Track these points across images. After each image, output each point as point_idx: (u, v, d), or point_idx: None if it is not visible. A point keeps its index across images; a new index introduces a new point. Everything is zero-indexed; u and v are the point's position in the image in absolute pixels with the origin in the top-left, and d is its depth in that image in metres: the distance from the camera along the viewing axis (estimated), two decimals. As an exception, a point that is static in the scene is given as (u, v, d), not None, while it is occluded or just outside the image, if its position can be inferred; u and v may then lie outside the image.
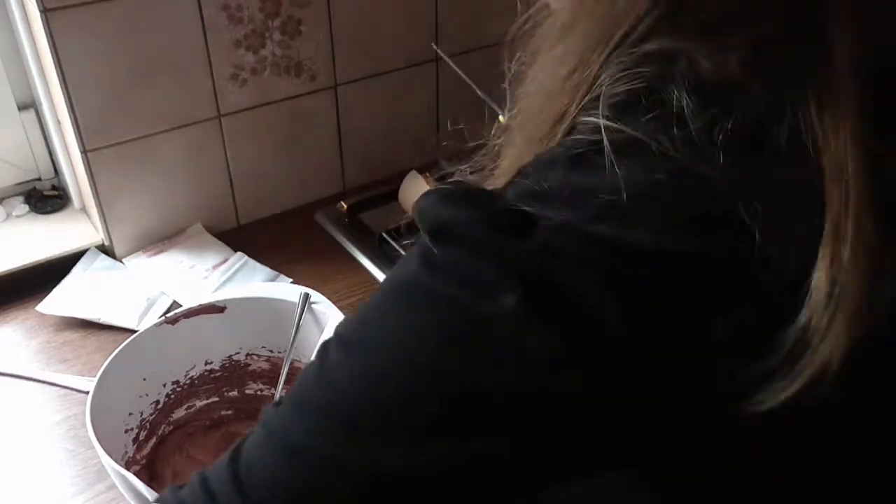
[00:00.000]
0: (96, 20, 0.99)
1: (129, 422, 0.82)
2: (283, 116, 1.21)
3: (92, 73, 1.02)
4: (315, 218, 1.27)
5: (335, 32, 1.20)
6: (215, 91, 1.13)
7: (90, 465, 0.86)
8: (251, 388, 0.92)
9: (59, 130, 1.13)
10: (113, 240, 1.15)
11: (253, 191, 1.24)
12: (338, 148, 1.30)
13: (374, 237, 1.19)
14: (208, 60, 1.10)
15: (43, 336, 1.04)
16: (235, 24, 1.10)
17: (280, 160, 1.24)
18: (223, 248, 1.19)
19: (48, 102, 1.10)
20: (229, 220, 1.24)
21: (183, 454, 0.85)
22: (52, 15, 0.96)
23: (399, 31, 1.26)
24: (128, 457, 0.81)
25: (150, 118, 1.09)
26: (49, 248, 1.13)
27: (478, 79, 1.38)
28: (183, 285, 1.11)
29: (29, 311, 1.07)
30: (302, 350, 0.87)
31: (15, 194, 1.22)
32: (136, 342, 0.82)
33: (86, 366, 0.99)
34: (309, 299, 0.86)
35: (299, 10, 1.15)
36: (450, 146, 0.92)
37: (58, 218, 1.20)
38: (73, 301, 1.07)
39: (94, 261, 1.14)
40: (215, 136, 1.16)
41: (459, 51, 1.34)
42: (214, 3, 1.07)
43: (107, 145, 1.08)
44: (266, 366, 0.91)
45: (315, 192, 1.30)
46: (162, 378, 0.86)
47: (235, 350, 0.90)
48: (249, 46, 1.13)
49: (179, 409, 0.88)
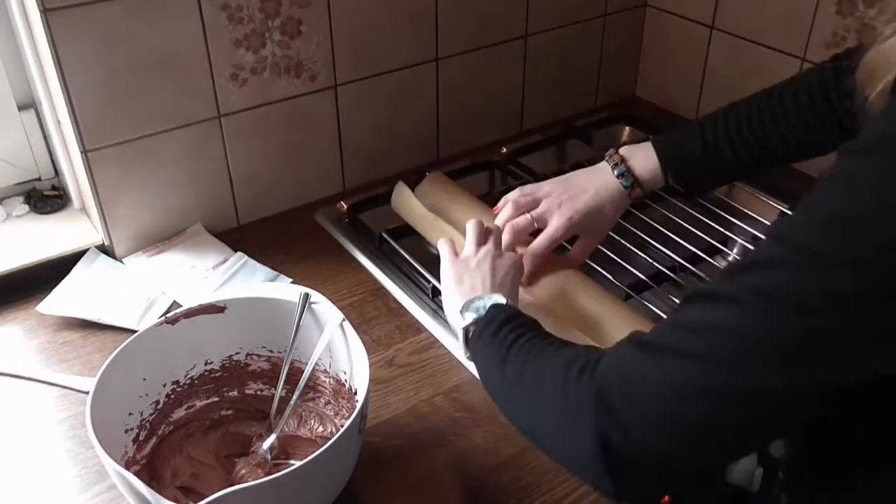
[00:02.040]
0: (96, 20, 0.99)
1: (129, 422, 0.82)
2: (283, 116, 1.21)
3: (92, 73, 1.02)
4: (315, 218, 1.27)
5: (335, 32, 1.20)
6: (215, 91, 1.13)
7: (90, 465, 0.86)
8: (251, 388, 0.92)
9: (59, 130, 1.13)
10: (113, 240, 1.15)
11: (253, 191, 1.24)
12: (338, 148, 1.30)
13: (374, 237, 1.19)
14: (208, 60, 1.10)
15: (43, 336, 1.04)
16: (235, 24, 1.10)
17: (280, 160, 1.24)
18: (223, 248, 1.19)
19: (48, 102, 1.10)
20: (229, 220, 1.24)
21: (183, 454, 0.85)
22: (52, 15, 0.96)
23: (399, 31, 1.26)
24: (128, 457, 0.81)
25: (150, 118, 1.09)
26: (49, 248, 1.13)
27: (478, 79, 1.38)
28: (183, 285, 1.11)
29: (29, 311, 1.07)
30: (302, 350, 0.87)
31: (15, 194, 1.22)
32: (136, 342, 0.82)
33: (86, 366, 0.99)
34: (309, 299, 0.86)
35: (299, 10, 1.15)
36: (450, 146, 0.92)
37: (58, 218, 1.20)
38: (73, 301, 1.07)
39: (94, 261, 1.14)
40: (215, 136, 1.16)
41: (459, 51, 1.34)
42: (214, 3, 1.07)
43: (107, 145, 1.08)
44: (266, 366, 0.91)
45: (315, 192, 1.30)
46: (162, 378, 0.86)
47: (235, 350, 0.90)
48: (249, 46, 1.13)
49: (179, 409, 0.88)
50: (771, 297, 0.52)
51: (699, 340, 0.55)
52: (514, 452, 0.88)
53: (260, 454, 0.84)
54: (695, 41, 1.47)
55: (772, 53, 1.35)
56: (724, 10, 1.40)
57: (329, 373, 0.88)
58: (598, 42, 1.52)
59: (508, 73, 1.43)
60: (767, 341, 0.52)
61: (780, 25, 1.32)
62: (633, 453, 0.58)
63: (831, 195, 0.52)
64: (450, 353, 1.01)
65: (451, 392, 0.95)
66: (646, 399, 0.57)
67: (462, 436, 0.90)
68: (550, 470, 0.86)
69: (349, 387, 0.86)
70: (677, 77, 1.53)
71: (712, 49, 1.45)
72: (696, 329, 0.56)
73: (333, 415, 0.89)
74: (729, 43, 1.41)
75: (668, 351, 0.57)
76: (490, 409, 0.93)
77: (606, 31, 1.51)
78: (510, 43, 1.39)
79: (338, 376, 0.87)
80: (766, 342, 0.52)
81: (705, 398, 0.55)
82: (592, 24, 1.49)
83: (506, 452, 0.88)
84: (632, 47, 1.58)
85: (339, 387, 0.87)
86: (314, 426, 0.88)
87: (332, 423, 0.88)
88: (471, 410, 0.93)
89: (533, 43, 1.42)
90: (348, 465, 0.79)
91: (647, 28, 1.56)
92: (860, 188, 0.50)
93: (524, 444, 0.89)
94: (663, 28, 1.53)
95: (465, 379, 0.97)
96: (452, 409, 0.93)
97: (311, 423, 0.89)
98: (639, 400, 0.58)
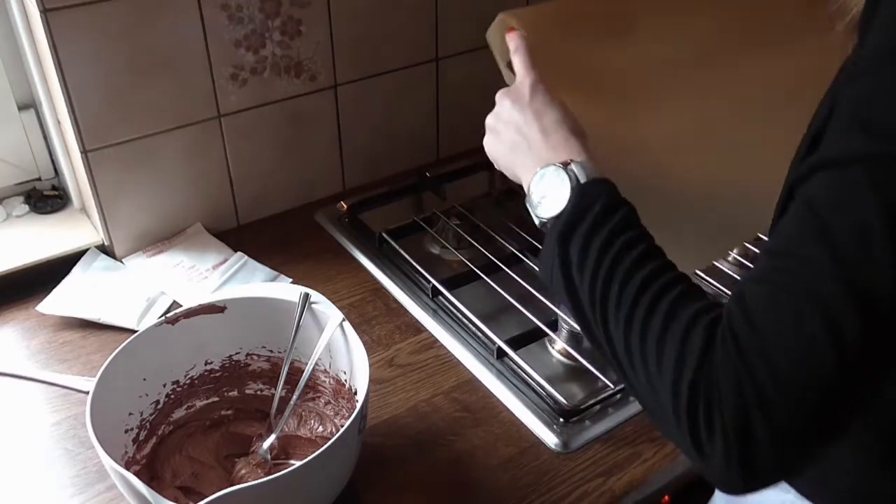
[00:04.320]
0: (96, 20, 0.99)
1: (129, 422, 0.82)
2: (283, 116, 1.21)
3: (92, 73, 1.02)
4: (315, 218, 1.27)
5: (335, 32, 1.20)
6: (215, 91, 1.13)
7: (90, 465, 0.86)
8: (251, 388, 0.92)
9: (59, 130, 1.13)
10: (113, 240, 1.15)
11: (253, 191, 1.24)
12: (338, 148, 1.30)
13: (374, 237, 1.19)
14: (208, 60, 1.10)
15: (43, 336, 1.04)
16: (235, 24, 1.10)
17: (280, 160, 1.24)
18: (223, 248, 1.19)
19: (48, 102, 1.11)
20: (229, 220, 1.24)
21: (183, 454, 0.85)
22: (52, 15, 0.96)
23: (399, 31, 1.26)
24: (128, 457, 0.81)
25: (150, 118, 1.09)
26: (49, 248, 1.13)
27: (478, 79, 1.38)
28: (183, 285, 1.11)
29: (29, 311, 1.07)
30: (302, 350, 0.88)
31: (15, 194, 1.22)
32: (136, 342, 0.82)
33: (86, 366, 0.99)
34: (309, 299, 0.86)
35: (299, 10, 1.15)
36: (450, 146, 0.91)
37: (58, 218, 1.20)
38: (73, 301, 1.07)
39: (94, 261, 1.14)
40: (215, 136, 1.16)
41: (459, 51, 1.34)
42: (214, 3, 1.07)
43: (107, 145, 1.08)
44: (266, 366, 0.91)
45: (315, 192, 1.30)
46: (162, 378, 0.86)
47: (235, 350, 0.90)
48: (249, 46, 1.13)
49: (179, 409, 0.88)
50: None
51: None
52: (514, 452, 0.88)
53: (260, 454, 0.84)
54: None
55: (772, 53, 1.34)
56: (724, 10, 1.40)
57: (329, 373, 0.88)
58: (598, 42, 1.52)
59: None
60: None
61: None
62: (780, 417, 0.50)
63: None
64: (450, 353, 1.01)
65: (451, 392, 0.95)
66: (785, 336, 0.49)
67: (462, 436, 0.90)
68: (550, 470, 0.86)
69: (349, 387, 0.86)
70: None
71: (712, 49, 1.45)
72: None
73: (333, 415, 0.89)
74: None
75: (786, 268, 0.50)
76: (490, 408, 0.93)
77: (606, 31, 1.51)
78: (510, 43, 1.39)
79: (338, 376, 0.87)
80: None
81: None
82: (592, 24, 1.49)
83: (506, 452, 0.88)
84: (632, 47, 1.58)
85: (339, 387, 0.87)
86: (314, 426, 0.88)
87: (332, 423, 0.88)
88: (471, 410, 0.93)
89: (533, 43, 1.42)
90: (348, 465, 0.79)
91: (647, 28, 1.56)
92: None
93: (524, 444, 0.89)
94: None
95: (465, 379, 0.97)
96: (452, 409, 0.93)
97: (311, 423, 0.89)
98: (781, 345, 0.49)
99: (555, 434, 0.89)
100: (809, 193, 0.51)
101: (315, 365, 0.85)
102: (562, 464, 0.87)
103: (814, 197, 0.50)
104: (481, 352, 1.01)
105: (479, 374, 0.98)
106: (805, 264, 0.50)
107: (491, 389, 0.96)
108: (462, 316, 1.05)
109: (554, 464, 0.87)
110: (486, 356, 1.00)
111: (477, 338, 1.02)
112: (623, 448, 0.89)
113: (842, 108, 0.51)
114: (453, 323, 1.05)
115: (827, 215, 0.49)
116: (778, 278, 0.51)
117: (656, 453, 0.88)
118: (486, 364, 0.99)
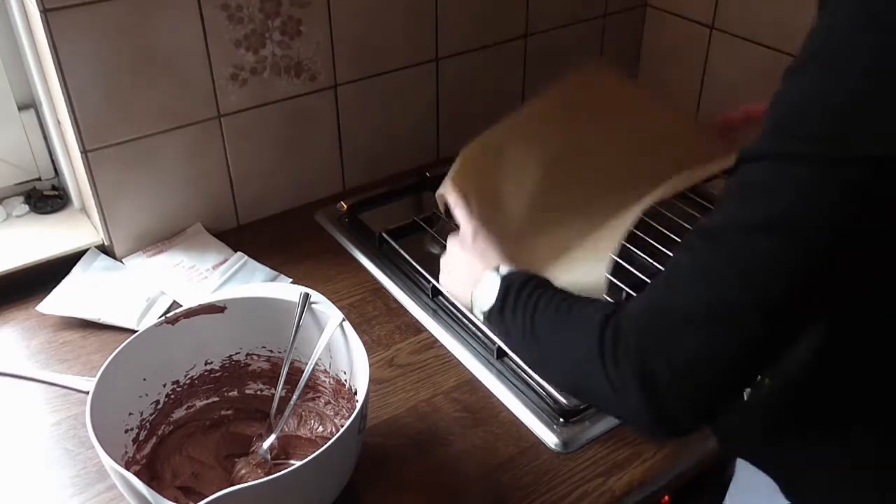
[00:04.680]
0: (96, 20, 0.99)
1: (129, 422, 0.82)
2: (283, 116, 1.21)
3: (92, 73, 1.02)
4: (315, 218, 1.27)
5: (335, 32, 1.20)
6: (215, 91, 1.13)
7: (90, 465, 0.86)
8: (251, 388, 0.92)
9: (59, 130, 1.13)
10: (113, 240, 1.15)
11: (253, 191, 1.24)
12: (338, 148, 1.30)
13: (374, 237, 1.19)
14: (208, 60, 1.10)
15: (43, 336, 1.04)
16: (235, 24, 1.10)
17: (280, 160, 1.24)
18: (223, 248, 1.19)
19: (48, 102, 1.10)
20: (229, 220, 1.24)
21: (183, 454, 0.85)
22: (52, 15, 0.96)
23: (399, 31, 1.26)
24: (128, 457, 0.81)
25: (150, 118, 1.09)
26: (49, 248, 1.13)
27: (478, 79, 1.38)
28: (183, 285, 1.11)
29: (29, 311, 1.07)
30: (302, 350, 0.87)
31: (15, 194, 1.22)
32: (136, 342, 0.82)
33: (86, 366, 0.99)
34: (309, 299, 0.86)
35: (299, 10, 1.15)
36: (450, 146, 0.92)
37: (58, 218, 1.20)
38: (73, 301, 1.07)
39: (94, 261, 1.14)
40: (215, 136, 1.16)
41: (459, 51, 1.34)
42: (214, 3, 1.07)
43: (107, 145, 1.08)
44: (266, 366, 0.91)
45: (315, 192, 1.30)
46: (162, 378, 0.86)
47: (235, 350, 0.90)
48: (249, 46, 1.13)
49: (179, 409, 0.88)
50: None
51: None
52: (514, 452, 0.88)
53: (260, 454, 0.84)
54: (695, 41, 1.47)
55: (772, 53, 1.34)
56: (724, 10, 1.40)
57: (329, 373, 0.88)
58: (598, 42, 1.52)
59: (508, 73, 1.43)
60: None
61: (780, 25, 1.32)
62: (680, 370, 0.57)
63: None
64: (450, 353, 1.01)
65: (451, 392, 0.95)
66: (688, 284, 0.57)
67: (462, 436, 0.90)
68: (550, 470, 0.86)
69: (349, 387, 0.86)
70: (677, 77, 1.53)
71: (712, 49, 1.45)
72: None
73: (333, 415, 0.89)
74: (729, 43, 1.41)
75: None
76: (490, 409, 0.93)
77: (606, 31, 1.51)
78: (510, 43, 1.39)
79: (338, 376, 0.87)
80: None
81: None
82: (592, 24, 1.49)
83: (506, 452, 0.88)
84: (632, 47, 1.58)
85: (339, 387, 0.87)
86: (314, 426, 0.88)
87: (332, 423, 0.88)
88: (471, 410, 0.93)
89: (533, 43, 1.42)
90: (348, 465, 0.79)
91: (647, 28, 1.56)
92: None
93: (524, 444, 0.89)
94: (663, 28, 1.53)
95: (465, 379, 0.97)
96: (452, 409, 0.93)
97: (311, 423, 0.89)
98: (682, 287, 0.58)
99: (555, 434, 0.89)
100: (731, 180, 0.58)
101: (315, 365, 0.85)
102: (562, 464, 0.87)
103: (732, 184, 0.58)
104: (481, 352, 1.01)
105: (479, 374, 0.98)
106: (717, 232, 0.57)
107: (491, 389, 0.96)
108: (462, 316, 1.05)
109: (554, 464, 0.87)
110: (486, 356, 1.00)
111: (477, 338, 1.02)
112: (623, 448, 0.89)
113: (771, 103, 0.58)
114: (453, 323, 1.05)
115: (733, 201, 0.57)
116: (695, 243, 0.58)
117: (656, 453, 0.88)
118: (486, 364, 0.99)
